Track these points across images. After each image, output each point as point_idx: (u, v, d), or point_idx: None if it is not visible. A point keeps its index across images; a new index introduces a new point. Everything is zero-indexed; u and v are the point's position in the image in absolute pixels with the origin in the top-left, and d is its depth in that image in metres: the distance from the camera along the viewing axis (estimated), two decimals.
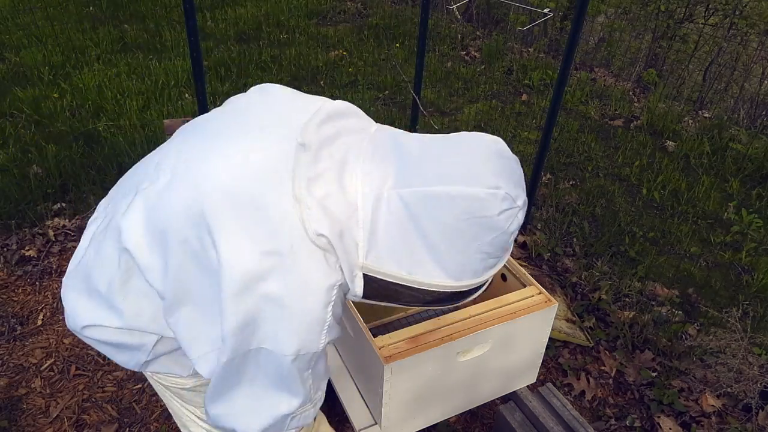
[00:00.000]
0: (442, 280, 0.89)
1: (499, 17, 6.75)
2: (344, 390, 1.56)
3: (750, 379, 2.13)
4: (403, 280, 0.89)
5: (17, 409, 2.00)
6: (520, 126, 4.12)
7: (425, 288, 0.90)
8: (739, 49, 6.04)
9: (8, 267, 2.57)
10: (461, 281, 0.90)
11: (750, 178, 3.71)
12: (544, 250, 2.81)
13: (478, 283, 0.94)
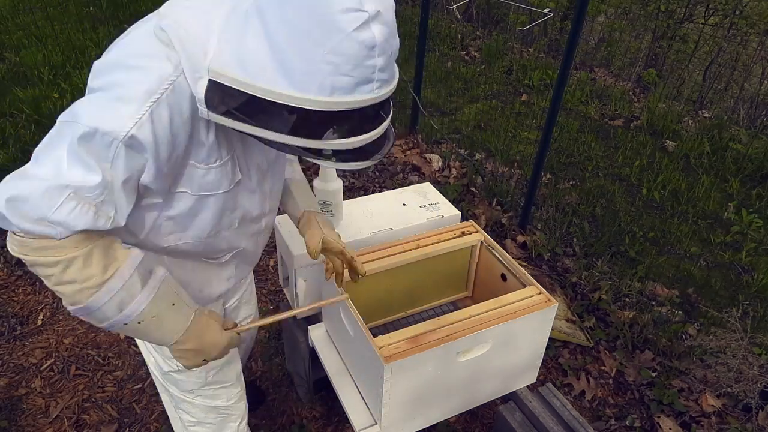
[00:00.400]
0: (285, 89, 0.83)
1: (499, 17, 6.75)
2: (344, 390, 1.56)
3: (750, 379, 2.13)
4: (246, 87, 0.85)
5: (17, 409, 2.00)
6: (520, 126, 4.12)
7: (269, 98, 0.84)
8: (739, 49, 6.04)
9: (8, 267, 2.57)
10: (306, 93, 0.83)
11: (750, 178, 3.71)
12: (544, 250, 2.81)
13: (328, 103, 0.84)
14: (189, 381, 1.37)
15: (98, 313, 0.97)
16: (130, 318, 0.99)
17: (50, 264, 0.92)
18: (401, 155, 3.64)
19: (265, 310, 2.45)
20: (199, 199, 1.05)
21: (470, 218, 2.88)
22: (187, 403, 1.41)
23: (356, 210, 1.87)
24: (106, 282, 0.95)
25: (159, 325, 1.03)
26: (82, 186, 0.87)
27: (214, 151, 1.01)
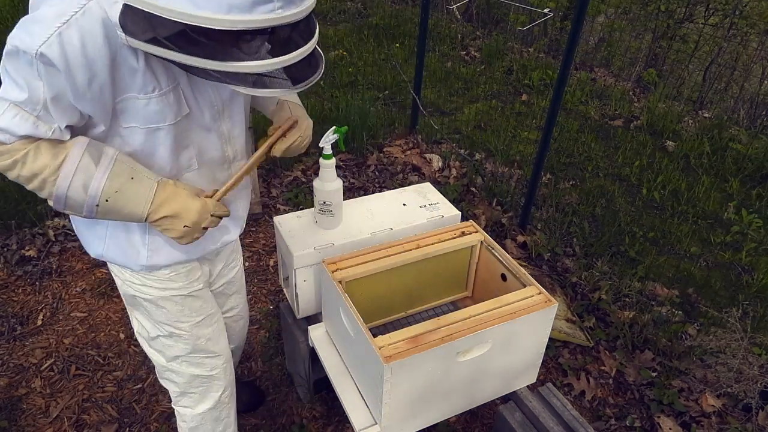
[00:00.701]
0: (185, 8, 0.85)
1: (499, 17, 6.75)
2: (344, 390, 1.56)
3: (750, 379, 2.13)
4: (152, 8, 0.87)
5: (17, 409, 2.00)
6: (520, 126, 4.12)
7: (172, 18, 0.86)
8: (739, 49, 6.04)
9: (8, 267, 2.57)
10: (203, 11, 0.85)
11: (750, 178, 3.71)
12: (544, 250, 2.81)
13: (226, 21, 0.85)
14: (177, 346, 1.42)
15: (70, 200, 1.06)
16: (97, 197, 1.06)
17: (11, 166, 1.03)
18: (401, 155, 3.64)
19: (266, 310, 2.46)
20: (149, 133, 1.11)
21: (470, 218, 2.88)
22: (172, 372, 1.46)
23: (356, 210, 1.87)
24: (60, 167, 1.03)
25: (126, 199, 1.09)
26: (16, 100, 0.97)
27: (150, 80, 1.05)
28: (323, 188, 1.69)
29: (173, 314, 1.39)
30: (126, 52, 1.00)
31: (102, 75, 0.99)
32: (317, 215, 1.76)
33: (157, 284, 1.34)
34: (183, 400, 1.52)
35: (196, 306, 1.41)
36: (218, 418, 1.57)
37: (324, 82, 4.54)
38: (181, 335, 1.41)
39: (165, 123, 1.11)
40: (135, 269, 1.30)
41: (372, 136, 3.72)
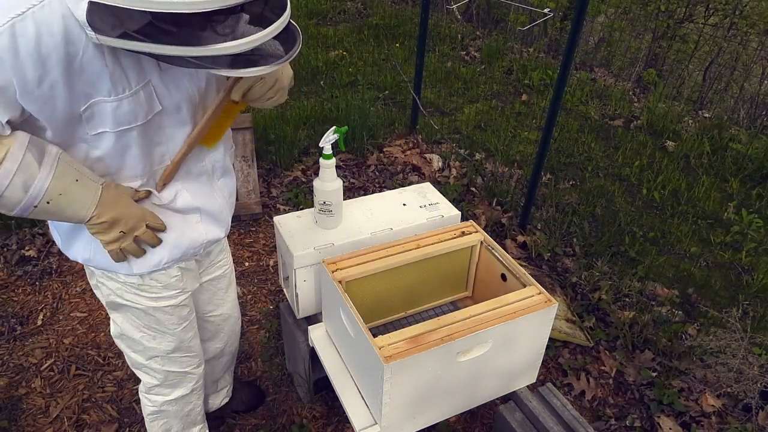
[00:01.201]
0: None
1: (499, 17, 6.75)
2: (344, 390, 1.56)
3: (750, 379, 2.13)
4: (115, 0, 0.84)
5: (17, 409, 2.00)
6: (520, 126, 4.12)
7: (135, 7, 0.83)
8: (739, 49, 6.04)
9: (8, 267, 2.57)
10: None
11: (750, 178, 3.71)
12: (544, 250, 2.81)
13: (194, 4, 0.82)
14: (159, 348, 1.42)
15: (4, 199, 1.00)
16: (38, 198, 1.02)
17: None
18: (401, 155, 3.64)
19: (266, 310, 2.45)
20: (120, 135, 1.07)
21: (470, 218, 2.88)
22: (149, 368, 1.47)
23: (356, 210, 1.87)
24: (3, 161, 0.97)
25: (69, 202, 1.06)
26: None
27: (120, 79, 1.01)
28: (323, 188, 1.69)
29: (162, 321, 1.39)
30: (91, 54, 0.96)
31: (54, 74, 0.94)
32: (317, 215, 1.76)
33: (150, 294, 1.33)
34: (155, 389, 1.53)
35: (184, 314, 1.43)
36: (188, 401, 1.60)
37: (324, 82, 4.54)
38: (164, 338, 1.42)
39: (137, 123, 1.07)
40: (124, 276, 1.27)
41: (372, 136, 3.72)
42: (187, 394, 1.57)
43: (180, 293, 1.39)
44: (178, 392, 1.55)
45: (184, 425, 1.64)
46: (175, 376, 1.51)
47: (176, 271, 1.35)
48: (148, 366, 1.47)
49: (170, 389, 1.53)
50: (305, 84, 4.52)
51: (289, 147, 3.48)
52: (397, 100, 4.37)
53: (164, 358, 1.46)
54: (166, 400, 1.55)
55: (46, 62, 0.93)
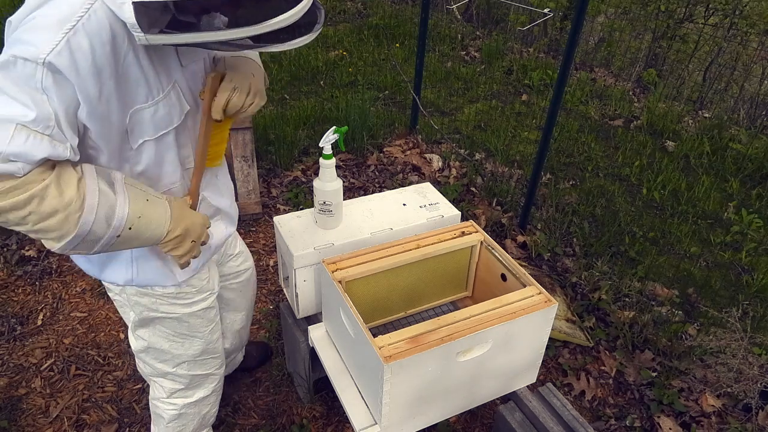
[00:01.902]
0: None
1: (499, 17, 6.75)
2: (344, 390, 1.56)
3: (750, 379, 2.13)
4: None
5: (17, 409, 2.00)
6: (520, 126, 4.12)
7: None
8: (739, 49, 6.03)
9: (8, 267, 2.57)
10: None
11: (750, 178, 3.71)
12: (544, 250, 2.81)
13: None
14: (187, 353, 1.45)
15: (90, 235, 0.96)
16: (121, 227, 0.99)
17: (24, 202, 0.88)
18: (401, 155, 3.64)
19: (266, 310, 2.45)
20: (158, 142, 1.07)
21: (470, 218, 2.88)
22: (175, 375, 1.48)
23: (356, 210, 1.87)
24: (84, 201, 0.93)
25: (148, 224, 1.04)
26: (23, 121, 0.85)
27: (155, 82, 1.02)
28: (323, 188, 1.69)
29: (194, 326, 1.42)
30: (130, 60, 0.96)
31: (109, 86, 0.93)
32: (317, 215, 1.76)
33: (185, 301, 1.35)
34: (178, 393, 1.54)
35: (211, 316, 1.46)
36: (207, 402, 1.62)
37: (324, 82, 4.54)
38: (193, 343, 1.44)
39: (173, 125, 1.08)
40: (161, 289, 1.28)
41: (372, 136, 3.72)
42: (208, 395, 1.59)
43: (210, 294, 1.42)
44: (200, 393, 1.57)
45: (198, 427, 1.65)
46: (199, 378, 1.53)
47: (205, 273, 1.39)
48: (173, 373, 1.48)
49: (193, 391, 1.55)
50: (305, 84, 4.53)
51: (289, 147, 3.48)
52: (397, 100, 4.37)
53: (191, 362, 1.47)
54: (188, 402, 1.55)
55: (101, 75, 0.92)
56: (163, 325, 1.37)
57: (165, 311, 1.34)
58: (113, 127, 0.99)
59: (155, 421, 1.64)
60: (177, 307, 1.35)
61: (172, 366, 1.46)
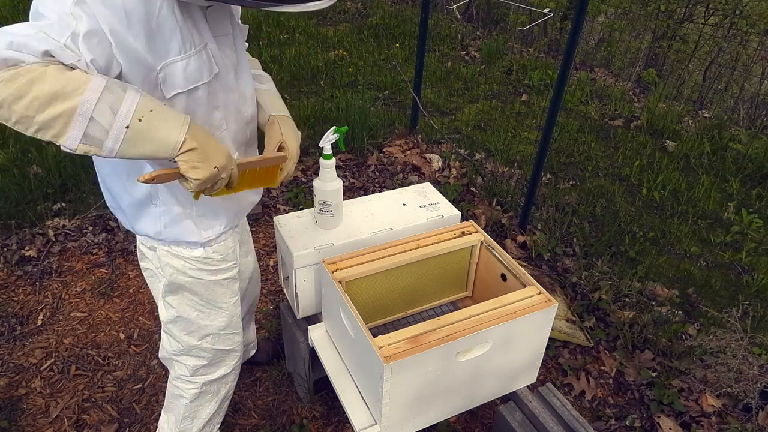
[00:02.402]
0: None
1: (499, 17, 6.75)
2: (344, 390, 1.56)
3: (750, 379, 2.13)
4: None
5: (17, 409, 2.00)
6: (520, 126, 4.12)
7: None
8: (739, 49, 6.03)
9: (8, 267, 2.57)
10: None
11: (750, 178, 3.71)
12: (544, 250, 2.81)
13: None
14: (213, 325, 1.49)
15: (93, 124, 0.95)
16: (129, 115, 0.96)
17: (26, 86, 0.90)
18: (401, 155, 3.64)
19: (266, 310, 2.45)
20: (189, 96, 1.13)
21: (470, 218, 2.88)
22: (200, 349, 1.52)
23: (356, 210, 1.87)
24: (89, 81, 0.94)
25: (160, 121, 1.00)
26: (42, 25, 0.93)
27: (188, 38, 1.09)
28: (323, 188, 1.69)
29: (219, 296, 1.46)
30: (165, 12, 1.02)
31: (137, 29, 1.00)
32: (317, 215, 1.76)
33: (211, 268, 1.41)
34: (201, 370, 1.56)
35: (235, 288, 1.51)
36: (225, 382, 1.64)
37: (324, 82, 4.54)
38: (218, 315, 1.49)
39: (202, 81, 1.14)
40: (188, 252, 1.35)
41: (372, 136, 3.72)
42: (228, 372, 1.61)
43: (234, 265, 1.47)
44: (222, 371, 1.59)
45: (212, 413, 1.67)
46: (221, 354, 1.56)
47: (231, 242, 1.45)
48: (198, 347, 1.51)
49: (215, 368, 1.58)
50: (305, 84, 4.53)
51: None
52: (397, 100, 4.37)
53: (215, 336, 1.51)
54: (209, 379, 1.58)
55: (131, 17, 0.99)
56: (190, 293, 1.42)
57: (193, 276, 1.39)
58: (142, 71, 1.05)
59: (169, 407, 1.65)
60: (204, 273, 1.40)
61: (198, 338, 1.49)
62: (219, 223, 1.37)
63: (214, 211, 1.36)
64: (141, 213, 1.30)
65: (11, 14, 5.31)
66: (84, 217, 2.87)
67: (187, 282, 1.40)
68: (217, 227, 1.37)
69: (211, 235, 1.36)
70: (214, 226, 1.37)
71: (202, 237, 1.35)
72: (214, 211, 1.35)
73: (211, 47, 1.15)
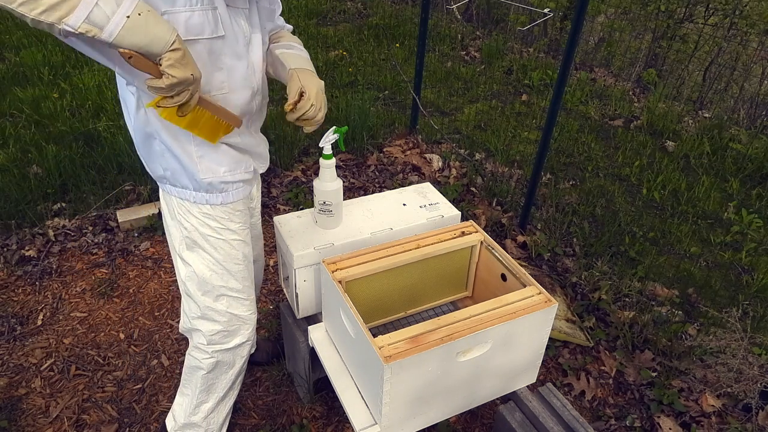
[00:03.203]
0: None
1: (499, 17, 6.75)
2: (344, 390, 1.56)
3: (750, 379, 2.13)
4: None
5: (17, 409, 2.00)
6: (520, 126, 4.12)
7: None
8: (739, 49, 6.03)
9: (8, 267, 2.57)
10: None
11: (750, 178, 3.71)
12: (544, 250, 2.81)
13: None
14: (228, 285, 1.53)
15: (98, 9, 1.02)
16: (131, 8, 1.05)
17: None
18: (401, 155, 3.64)
19: (266, 310, 2.46)
20: (189, 46, 1.17)
21: (470, 218, 2.88)
22: (215, 312, 1.55)
23: (356, 210, 1.87)
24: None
25: (155, 22, 1.09)
26: None
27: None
28: (323, 188, 1.69)
29: (231, 258, 1.51)
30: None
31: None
32: (317, 215, 1.76)
33: (216, 225, 1.46)
34: (217, 336, 1.58)
35: (246, 252, 1.56)
36: (240, 354, 1.66)
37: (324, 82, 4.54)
38: (231, 278, 1.52)
39: (203, 36, 1.20)
40: (198, 199, 1.41)
41: (372, 136, 3.72)
42: (243, 342, 1.63)
43: (242, 227, 1.53)
44: (236, 340, 1.61)
45: (227, 387, 1.69)
46: (236, 320, 1.58)
47: (241, 205, 1.51)
48: (214, 309, 1.53)
49: (230, 337, 1.60)
50: None
51: (289, 147, 3.48)
52: (397, 100, 4.37)
53: (230, 298, 1.54)
54: (224, 348, 1.60)
55: None
56: (203, 250, 1.47)
57: (203, 233, 1.45)
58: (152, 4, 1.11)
59: (186, 383, 1.67)
60: (210, 230, 1.46)
61: (213, 298, 1.52)
62: (221, 167, 1.40)
63: (215, 151, 1.38)
64: (149, 151, 1.38)
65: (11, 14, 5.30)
66: (84, 217, 2.87)
67: (198, 239, 1.46)
68: (219, 170, 1.40)
69: (212, 178, 1.40)
70: (216, 170, 1.40)
71: (202, 179, 1.38)
72: (215, 151, 1.38)
73: (221, 12, 1.22)
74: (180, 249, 1.50)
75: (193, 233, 1.46)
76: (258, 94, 1.42)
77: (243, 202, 1.53)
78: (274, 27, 1.56)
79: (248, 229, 1.58)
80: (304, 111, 1.37)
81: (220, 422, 1.71)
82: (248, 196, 1.57)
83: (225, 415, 1.73)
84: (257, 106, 1.45)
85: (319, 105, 1.41)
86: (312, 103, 1.38)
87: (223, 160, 1.41)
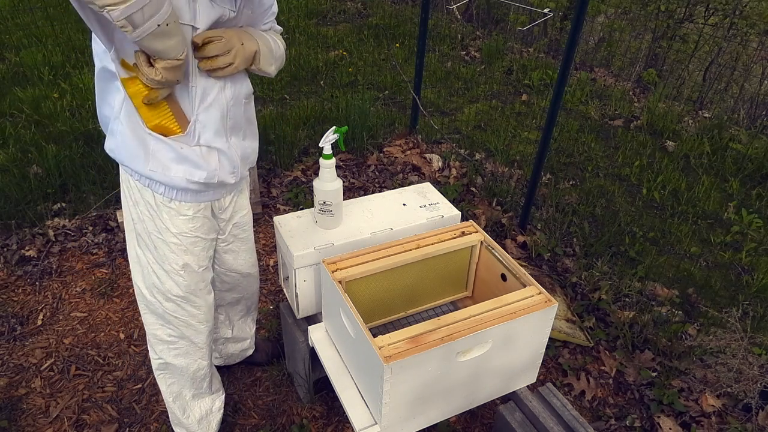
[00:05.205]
0: None
1: (499, 17, 6.75)
2: (344, 390, 1.56)
3: (750, 379, 2.13)
4: None
5: (17, 409, 2.00)
6: (520, 126, 4.12)
7: None
8: (739, 49, 6.03)
9: (8, 267, 2.57)
10: None
11: (750, 178, 3.71)
12: (544, 250, 2.81)
13: None
14: (181, 287, 1.51)
15: (141, 12, 1.05)
16: (164, 17, 1.09)
17: None
18: (401, 155, 3.64)
19: (266, 310, 2.45)
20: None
21: (470, 218, 2.88)
22: (171, 316, 1.55)
23: (356, 210, 1.87)
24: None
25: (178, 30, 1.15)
26: None
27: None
28: (323, 188, 1.69)
29: (167, 259, 1.47)
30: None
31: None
32: (317, 215, 1.76)
33: (158, 221, 1.42)
34: (161, 330, 1.58)
35: (187, 260, 1.49)
36: (194, 357, 1.66)
37: (324, 82, 4.54)
38: (189, 273, 1.50)
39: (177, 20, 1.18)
40: (151, 185, 1.36)
41: (372, 136, 3.72)
42: (188, 345, 1.62)
43: (207, 231, 1.49)
44: (182, 343, 1.61)
45: (196, 389, 1.69)
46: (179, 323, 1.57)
47: (190, 212, 1.44)
48: (158, 304, 1.52)
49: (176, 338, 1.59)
50: (305, 84, 4.53)
51: (289, 147, 3.48)
52: (397, 100, 4.37)
53: (182, 299, 1.53)
54: (173, 351, 1.61)
55: None
56: (149, 239, 1.45)
57: (146, 225, 1.43)
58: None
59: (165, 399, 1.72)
60: (150, 223, 1.43)
61: (166, 299, 1.51)
62: (172, 169, 1.33)
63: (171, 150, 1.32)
64: (110, 134, 1.35)
65: (11, 14, 5.31)
66: (84, 217, 2.87)
67: (142, 230, 1.44)
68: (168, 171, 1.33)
69: (158, 175, 1.32)
70: (165, 169, 1.33)
71: (147, 169, 1.32)
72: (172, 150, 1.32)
73: (201, 3, 1.22)
74: (128, 232, 1.50)
75: (137, 225, 1.46)
76: (244, 81, 1.40)
77: (202, 212, 1.46)
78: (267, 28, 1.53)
79: (214, 234, 1.54)
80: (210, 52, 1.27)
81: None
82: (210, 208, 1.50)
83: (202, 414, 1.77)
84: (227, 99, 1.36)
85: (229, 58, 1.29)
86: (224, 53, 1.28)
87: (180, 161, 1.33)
